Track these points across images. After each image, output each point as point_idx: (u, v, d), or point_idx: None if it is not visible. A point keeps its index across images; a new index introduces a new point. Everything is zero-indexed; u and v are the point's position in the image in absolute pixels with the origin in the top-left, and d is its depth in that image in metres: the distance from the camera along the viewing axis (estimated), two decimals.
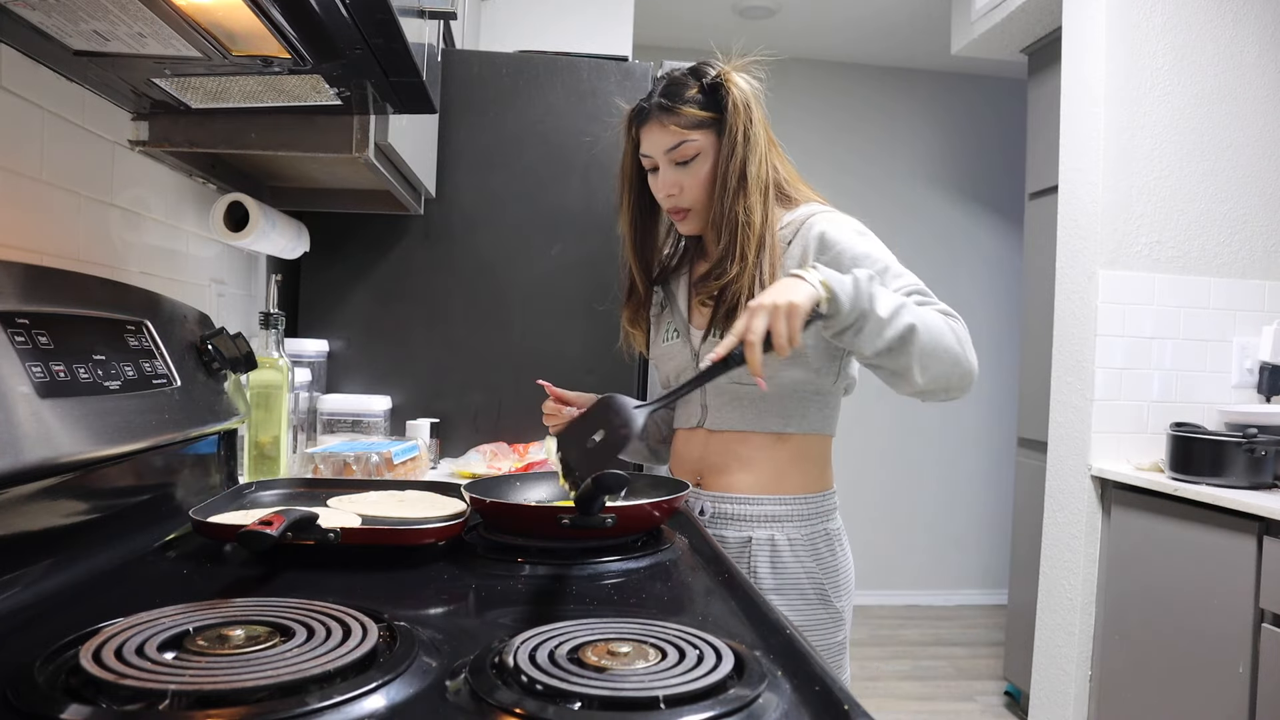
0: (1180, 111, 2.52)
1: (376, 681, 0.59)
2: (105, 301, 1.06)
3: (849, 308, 1.09)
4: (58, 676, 0.59)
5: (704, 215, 1.31)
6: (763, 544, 1.28)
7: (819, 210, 1.30)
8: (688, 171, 1.29)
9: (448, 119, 1.96)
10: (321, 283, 1.97)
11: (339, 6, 0.85)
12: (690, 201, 1.30)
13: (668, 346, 1.40)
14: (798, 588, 1.28)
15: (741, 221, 1.25)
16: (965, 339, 1.17)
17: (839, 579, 1.32)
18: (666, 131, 1.27)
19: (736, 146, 1.26)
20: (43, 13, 0.85)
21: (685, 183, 1.29)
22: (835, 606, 1.30)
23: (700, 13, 3.86)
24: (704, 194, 1.29)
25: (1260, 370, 2.51)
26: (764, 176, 1.27)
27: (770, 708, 0.59)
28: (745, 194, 1.26)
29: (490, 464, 1.74)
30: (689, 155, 1.27)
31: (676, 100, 1.27)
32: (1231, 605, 1.99)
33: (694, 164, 1.28)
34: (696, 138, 1.27)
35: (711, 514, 1.31)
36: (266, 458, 1.45)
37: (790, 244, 1.28)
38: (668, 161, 1.29)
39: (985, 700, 3.27)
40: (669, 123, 1.27)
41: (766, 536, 1.28)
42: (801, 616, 1.27)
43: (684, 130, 1.27)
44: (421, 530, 1.00)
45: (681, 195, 1.30)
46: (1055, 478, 2.67)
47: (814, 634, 1.27)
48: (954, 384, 1.17)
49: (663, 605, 0.85)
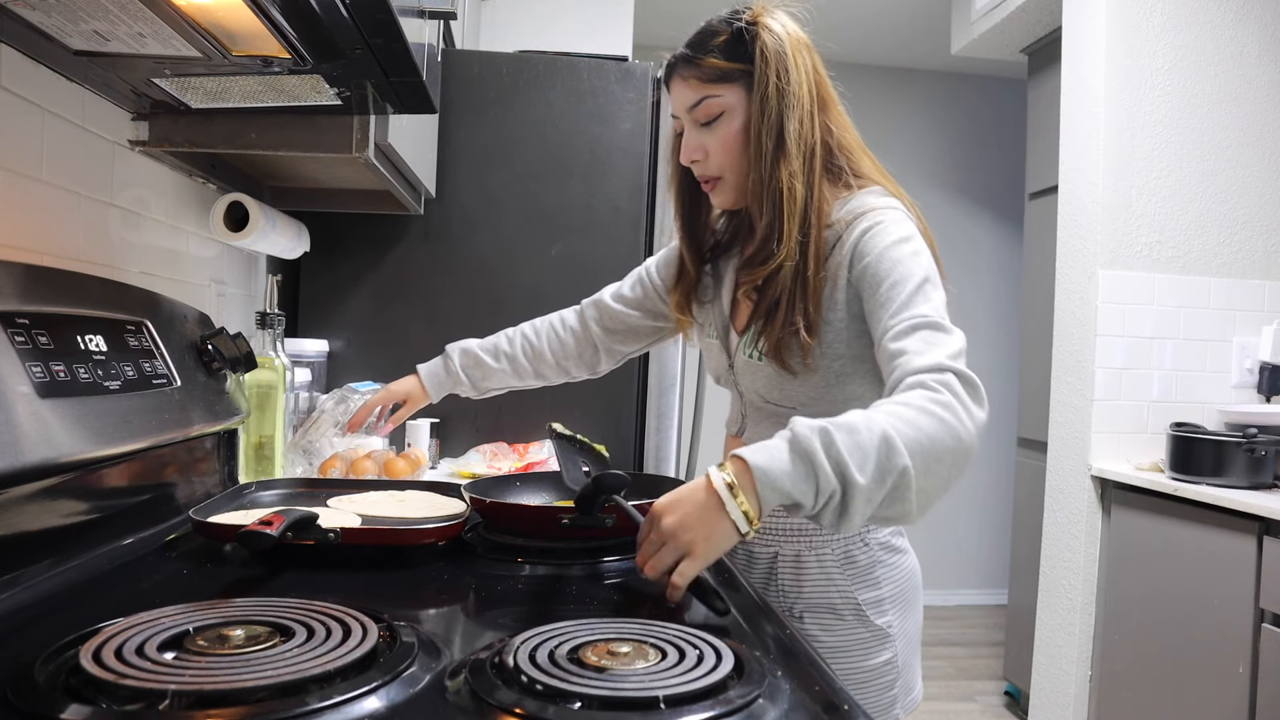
0: (1180, 111, 2.52)
1: (376, 681, 0.59)
2: (105, 301, 1.06)
3: (813, 502, 0.84)
4: (58, 676, 0.59)
5: (737, 185, 1.13)
6: (788, 560, 1.16)
7: (868, 208, 1.09)
8: (712, 133, 1.10)
9: (448, 119, 1.95)
10: (321, 283, 1.97)
11: (339, 6, 0.85)
12: (718, 168, 1.12)
13: (708, 344, 1.25)
14: (829, 606, 1.14)
15: (784, 192, 1.06)
16: (963, 418, 0.88)
17: (881, 593, 1.15)
18: (687, 86, 1.10)
19: (769, 101, 1.06)
20: (43, 13, 0.85)
21: (710, 145, 1.11)
22: (875, 624, 1.14)
23: (700, 13, 3.84)
24: (733, 159, 1.11)
25: (1260, 370, 2.51)
26: (809, 140, 1.08)
27: (770, 708, 0.59)
28: (785, 158, 1.07)
29: (490, 464, 1.74)
30: (713, 113, 1.10)
31: (699, 50, 1.10)
32: (1231, 605, 1.99)
33: (718, 124, 1.10)
34: (721, 93, 1.09)
35: None
36: (263, 458, 1.45)
37: (834, 248, 1.08)
38: (691, 122, 1.12)
39: (985, 700, 3.27)
40: (690, 76, 1.10)
41: (793, 553, 1.15)
42: (835, 636, 1.14)
43: (706, 84, 1.09)
44: (421, 530, 1.00)
45: (707, 161, 1.12)
46: (1055, 478, 2.67)
47: (851, 655, 1.14)
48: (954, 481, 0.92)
49: (662, 605, 0.85)
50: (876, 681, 1.15)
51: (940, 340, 0.95)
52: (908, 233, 1.06)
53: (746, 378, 1.16)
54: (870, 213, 1.08)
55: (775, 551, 1.16)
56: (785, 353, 1.08)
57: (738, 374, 1.18)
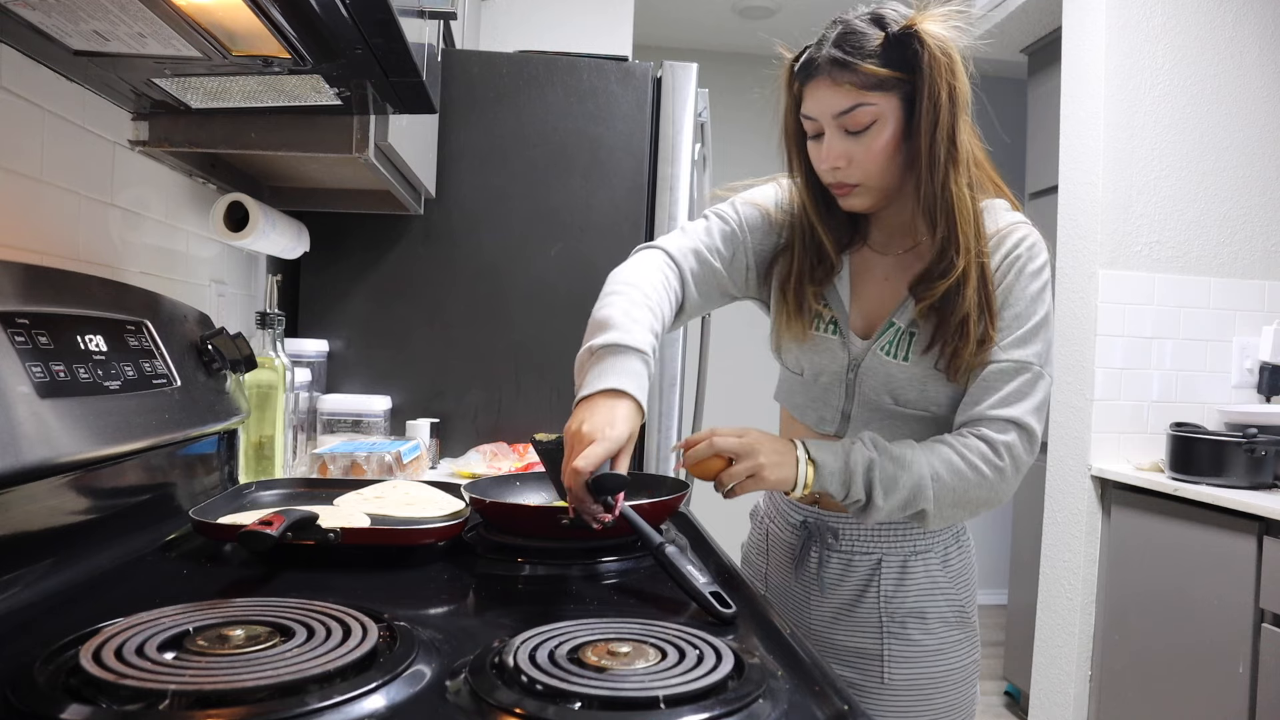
0: (1180, 111, 2.52)
1: (376, 681, 0.59)
2: (105, 301, 1.06)
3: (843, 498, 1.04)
4: (58, 676, 0.59)
5: (876, 192, 1.10)
6: (894, 565, 1.15)
7: (1020, 221, 1.12)
8: (860, 141, 1.05)
9: (448, 119, 1.95)
10: (321, 283, 1.97)
11: (339, 6, 0.85)
12: (860, 176, 1.08)
13: (821, 339, 1.17)
14: (936, 610, 1.15)
15: (957, 203, 1.04)
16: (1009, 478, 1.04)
17: (970, 592, 1.20)
18: (839, 91, 1.04)
19: (942, 109, 1.03)
20: (43, 13, 0.85)
21: (856, 154, 1.06)
22: (971, 622, 1.18)
23: (700, 13, 3.86)
24: (877, 168, 1.07)
25: (1260, 370, 2.51)
26: (970, 149, 1.08)
27: (770, 708, 0.59)
28: (957, 169, 1.04)
29: (490, 464, 1.74)
30: (864, 122, 1.04)
31: (854, 54, 1.03)
32: (1231, 605, 1.99)
33: (869, 132, 1.05)
34: (875, 101, 1.04)
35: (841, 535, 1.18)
36: (263, 458, 1.45)
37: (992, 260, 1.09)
38: (837, 128, 1.06)
39: (985, 700, 3.27)
40: (843, 81, 1.03)
41: (899, 559, 1.15)
42: (935, 639, 1.15)
43: (862, 91, 1.03)
44: (421, 530, 1.00)
45: (850, 169, 1.07)
46: (1055, 478, 2.67)
47: (947, 656, 1.15)
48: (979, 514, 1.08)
49: (663, 605, 0.85)
50: (967, 680, 1.18)
51: (1031, 392, 1.06)
52: (1043, 262, 1.10)
53: (877, 378, 1.13)
54: (1013, 232, 1.11)
55: (878, 558, 1.16)
56: (964, 364, 1.07)
57: (863, 374, 1.13)
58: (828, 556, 1.18)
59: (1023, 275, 1.08)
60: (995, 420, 1.04)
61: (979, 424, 1.05)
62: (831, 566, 1.18)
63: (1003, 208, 1.14)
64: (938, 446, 1.04)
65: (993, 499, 1.05)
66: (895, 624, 1.14)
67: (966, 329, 1.05)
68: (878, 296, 1.15)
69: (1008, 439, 1.04)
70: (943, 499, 1.03)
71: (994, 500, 1.06)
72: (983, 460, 1.03)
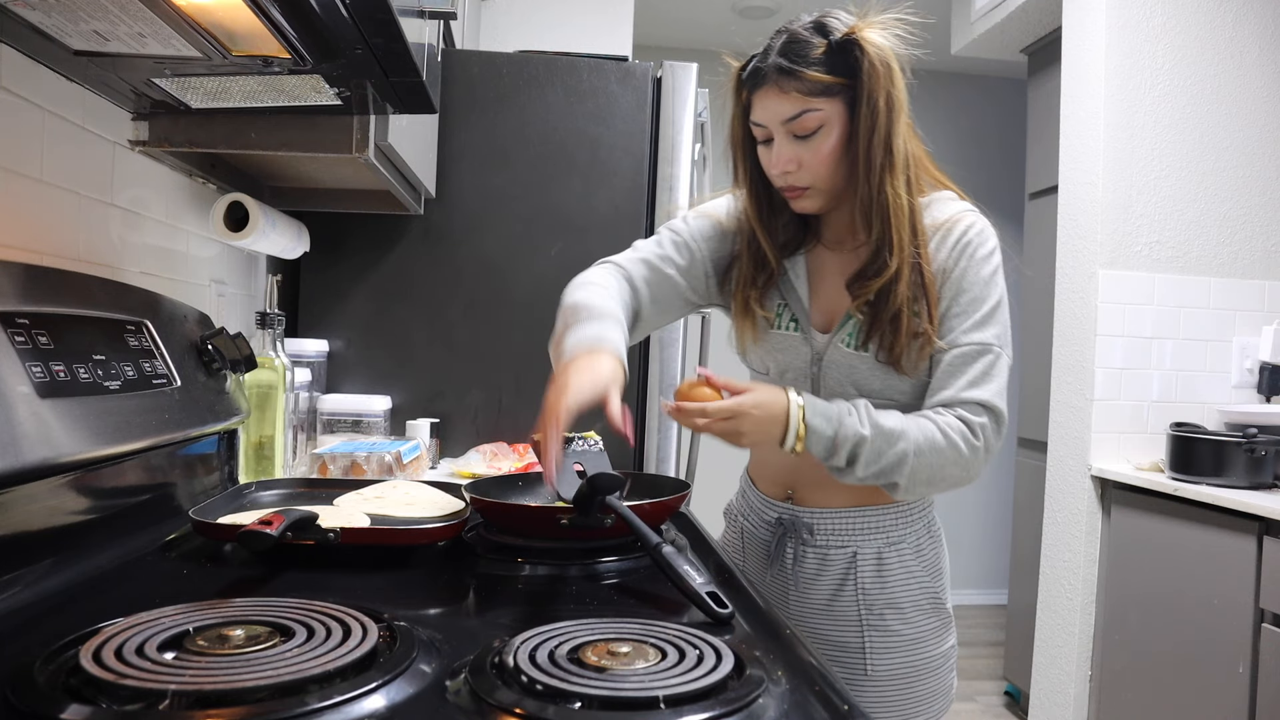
0: (1180, 111, 2.52)
1: (376, 681, 0.59)
2: (105, 301, 1.06)
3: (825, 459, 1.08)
4: (58, 676, 0.59)
5: (825, 194, 1.15)
6: (869, 558, 1.18)
7: (966, 210, 1.16)
8: (808, 145, 1.10)
9: (448, 119, 1.95)
10: (321, 283, 1.97)
11: (339, 6, 0.85)
12: (810, 179, 1.12)
13: (782, 336, 1.22)
14: (912, 599, 1.19)
15: (893, 205, 1.09)
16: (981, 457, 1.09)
17: (944, 580, 1.24)
18: (786, 98, 1.08)
19: (879, 115, 1.08)
20: (43, 13, 0.85)
21: (805, 157, 1.10)
22: (946, 610, 1.22)
23: (700, 12, 3.86)
24: (826, 171, 1.11)
25: (1260, 370, 2.51)
26: (908, 152, 1.12)
27: (770, 708, 0.59)
28: (893, 172, 1.09)
29: (490, 464, 1.74)
30: (811, 127, 1.09)
31: (799, 61, 1.07)
32: (1231, 605, 1.99)
33: (816, 137, 1.09)
34: (821, 106, 1.08)
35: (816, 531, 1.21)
36: (263, 458, 1.45)
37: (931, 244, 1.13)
38: (785, 133, 1.10)
39: (985, 700, 3.27)
40: (790, 88, 1.07)
41: (874, 550, 1.18)
42: (913, 628, 1.18)
43: (808, 98, 1.07)
44: (421, 530, 1.00)
45: (800, 172, 1.12)
46: (1055, 478, 2.67)
47: (926, 644, 1.19)
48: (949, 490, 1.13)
49: (663, 605, 0.85)
50: (944, 665, 1.21)
51: (994, 374, 1.10)
52: (993, 246, 1.14)
53: (840, 370, 1.16)
54: (960, 220, 1.14)
55: (853, 551, 1.19)
56: (904, 357, 1.12)
57: (826, 368, 1.17)
58: (803, 552, 1.21)
59: (974, 261, 1.12)
60: (968, 403, 1.09)
61: (954, 406, 1.09)
62: (808, 562, 1.21)
63: (949, 198, 1.18)
64: (922, 422, 1.08)
65: (963, 478, 1.10)
66: (874, 616, 1.18)
67: (899, 323, 1.10)
68: (835, 291, 1.19)
69: (982, 421, 1.09)
70: (919, 474, 1.07)
71: (964, 479, 1.11)
72: (962, 439, 1.08)
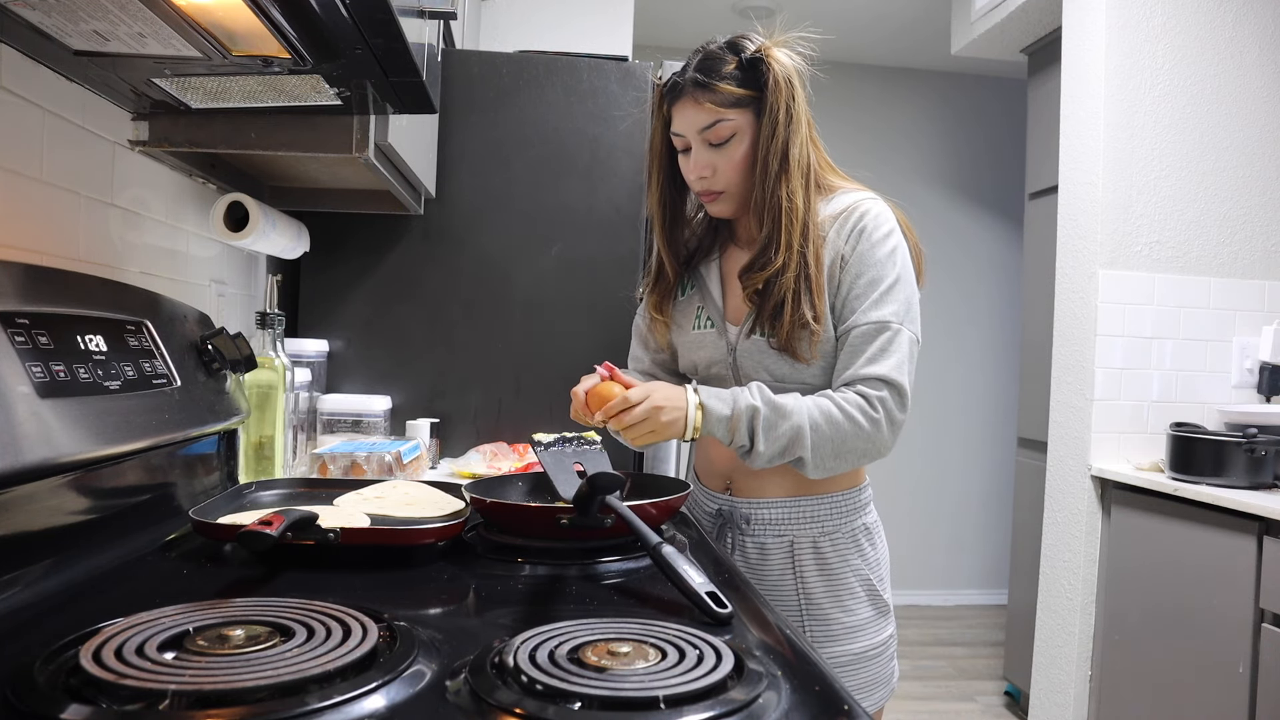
0: (1180, 111, 2.52)
1: (376, 681, 0.59)
2: (105, 301, 1.06)
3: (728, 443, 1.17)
4: (58, 676, 0.59)
5: (738, 198, 1.26)
6: (805, 547, 1.26)
7: (864, 198, 1.25)
8: (722, 153, 1.22)
9: (448, 119, 1.95)
10: (321, 283, 1.97)
11: (339, 6, 0.85)
12: (724, 184, 1.24)
13: (699, 335, 1.33)
14: (847, 587, 1.26)
15: (785, 207, 1.19)
16: (884, 429, 1.17)
17: (882, 571, 1.30)
18: (701, 109, 1.20)
19: (778, 127, 1.19)
20: (43, 13, 0.85)
21: (719, 164, 1.22)
22: (884, 600, 1.29)
23: (700, 13, 3.86)
24: (738, 176, 1.23)
25: (1260, 370, 2.51)
26: (805, 160, 1.22)
27: (770, 708, 0.59)
28: (787, 177, 1.19)
29: (490, 464, 1.74)
30: (724, 136, 1.21)
31: (713, 76, 1.19)
32: (1231, 605, 1.99)
33: (729, 145, 1.21)
34: (733, 116, 1.20)
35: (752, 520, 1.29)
36: (263, 458, 1.45)
37: (828, 234, 1.23)
38: (701, 141, 1.22)
39: (985, 700, 3.27)
40: (704, 100, 1.19)
41: (809, 539, 1.26)
42: (853, 616, 1.25)
43: (720, 109, 1.19)
44: (421, 530, 0.99)
45: (715, 178, 1.24)
46: (1055, 478, 2.67)
47: (865, 633, 1.26)
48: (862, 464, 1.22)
49: (663, 605, 0.85)
50: (884, 654, 1.28)
51: (893, 349, 1.18)
52: (889, 228, 1.23)
53: (753, 360, 1.25)
54: (856, 207, 1.23)
55: (790, 540, 1.27)
56: (796, 344, 1.21)
57: (740, 358, 1.27)
58: (742, 542, 1.29)
59: (870, 243, 1.21)
60: (867, 379, 1.18)
61: (854, 384, 1.18)
62: (749, 552, 1.29)
63: (851, 190, 1.28)
64: (819, 399, 1.17)
65: (870, 450, 1.18)
66: (814, 605, 1.25)
67: (783, 312, 1.19)
68: None
69: (881, 394, 1.17)
70: (821, 448, 1.15)
71: (871, 452, 1.18)
72: (860, 412, 1.16)
